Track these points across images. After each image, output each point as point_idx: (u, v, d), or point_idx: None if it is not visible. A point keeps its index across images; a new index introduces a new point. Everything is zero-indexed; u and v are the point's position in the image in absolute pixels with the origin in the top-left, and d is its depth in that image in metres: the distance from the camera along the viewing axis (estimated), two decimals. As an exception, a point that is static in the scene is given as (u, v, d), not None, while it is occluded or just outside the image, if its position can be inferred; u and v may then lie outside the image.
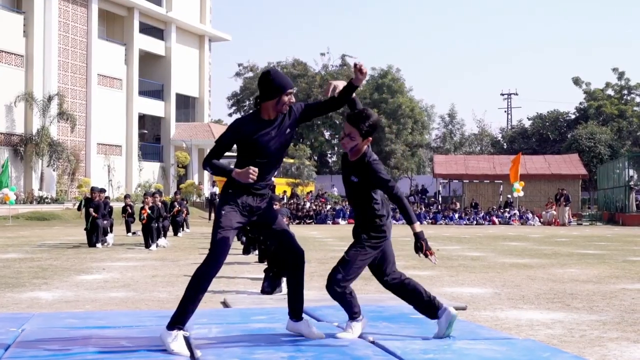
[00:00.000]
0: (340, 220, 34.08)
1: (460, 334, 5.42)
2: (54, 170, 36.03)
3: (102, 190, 17.87)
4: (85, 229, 16.62)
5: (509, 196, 37.35)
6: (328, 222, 33.94)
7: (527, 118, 64.50)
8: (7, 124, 34.63)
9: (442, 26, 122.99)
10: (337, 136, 57.63)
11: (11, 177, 32.23)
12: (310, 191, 41.85)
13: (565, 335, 5.79)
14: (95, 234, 16.31)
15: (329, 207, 36.01)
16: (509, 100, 73.02)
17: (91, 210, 16.56)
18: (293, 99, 4.78)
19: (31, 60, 35.62)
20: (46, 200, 33.87)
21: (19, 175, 34.97)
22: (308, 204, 36.23)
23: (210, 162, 4.77)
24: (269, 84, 4.72)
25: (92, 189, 17.64)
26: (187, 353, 4.72)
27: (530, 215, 35.84)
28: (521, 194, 35.27)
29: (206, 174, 46.64)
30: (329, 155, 60.91)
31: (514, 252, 15.32)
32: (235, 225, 4.80)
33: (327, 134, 57.62)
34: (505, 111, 73.58)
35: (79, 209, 19.01)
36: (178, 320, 4.76)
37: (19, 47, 35.26)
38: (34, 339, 5.22)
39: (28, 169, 35.40)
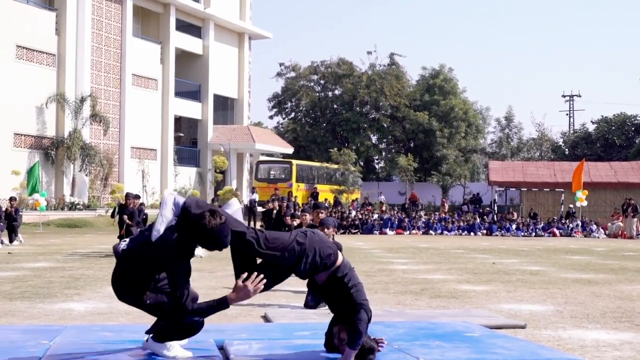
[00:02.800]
0: (387, 230, 33.97)
1: (520, 354, 5.36)
2: (86, 175, 36.55)
3: (137, 197, 18.06)
4: (119, 237, 16.81)
5: (571, 206, 36.77)
6: (375, 232, 33.85)
7: (591, 121, 63.42)
8: (38, 126, 35.25)
9: (497, 23, 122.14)
10: (384, 140, 57.42)
11: (42, 182, 32.80)
12: (356, 199, 41.77)
13: (635, 357, 5.69)
14: (129, 243, 16.45)
15: (375, 216, 35.93)
16: (571, 102, 72.11)
17: (125, 217, 16.75)
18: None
19: (63, 59, 36.22)
20: (78, 206, 34.38)
21: (49, 180, 35.55)
22: (353, 213, 36.22)
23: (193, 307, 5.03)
24: (214, 241, 5.01)
25: (126, 195, 17.84)
26: (190, 354, 5.12)
27: (594, 227, 35.29)
28: (584, 203, 34.67)
29: (245, 179, 46.93)
30: (375, 161, 60.79)
31: (576, 266, 15.10)
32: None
33: (374, 138, 57.43)
34: (567, 114, 72.62)
35: (112, 216, 19.27)
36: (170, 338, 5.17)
37: (50, 45, 35.90)
38: (66, 352, 5.31)
39: (59, 173, 35.96)
